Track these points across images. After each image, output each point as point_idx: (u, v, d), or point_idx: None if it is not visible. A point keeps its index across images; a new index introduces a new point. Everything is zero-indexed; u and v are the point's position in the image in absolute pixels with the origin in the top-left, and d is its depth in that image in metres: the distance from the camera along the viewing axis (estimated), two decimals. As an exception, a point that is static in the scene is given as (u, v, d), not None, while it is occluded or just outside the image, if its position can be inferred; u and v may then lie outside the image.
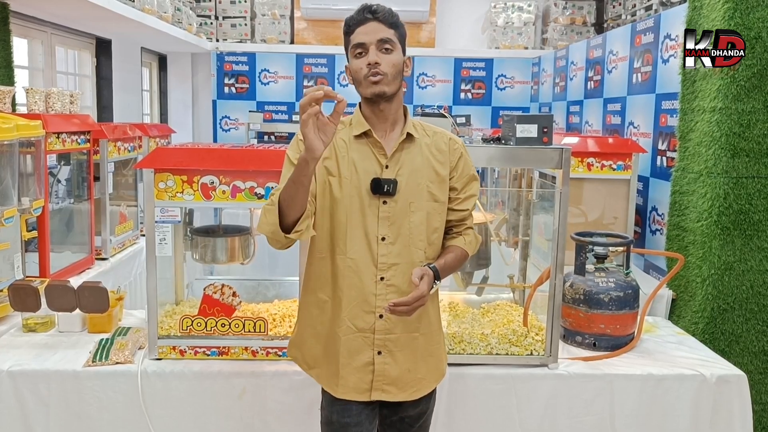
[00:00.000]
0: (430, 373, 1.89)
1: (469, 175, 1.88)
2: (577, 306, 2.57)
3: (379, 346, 1.81)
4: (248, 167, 2.27)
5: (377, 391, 1.81)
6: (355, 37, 1.76)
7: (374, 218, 1.78)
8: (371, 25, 1.75)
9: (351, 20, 1.79)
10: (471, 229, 1.93)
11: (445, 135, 1.89)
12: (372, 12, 1.76)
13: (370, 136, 1.80)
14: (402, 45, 1.80)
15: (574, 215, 3.56)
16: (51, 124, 2.98)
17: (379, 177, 1.77)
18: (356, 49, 1.76)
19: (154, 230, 2.28)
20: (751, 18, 2.87)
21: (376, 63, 1.72)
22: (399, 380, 1.83)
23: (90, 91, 5.44)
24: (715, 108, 2.95)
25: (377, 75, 1.73)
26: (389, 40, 1.75)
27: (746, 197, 2.94)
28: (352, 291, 1.79)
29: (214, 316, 2.36)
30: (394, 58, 1.75)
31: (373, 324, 1.80)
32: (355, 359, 1.81)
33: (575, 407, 2.36)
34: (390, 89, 1.76)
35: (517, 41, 7.02)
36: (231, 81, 7.15)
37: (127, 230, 3.99)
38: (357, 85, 1.79)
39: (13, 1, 3.74)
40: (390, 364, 1.81)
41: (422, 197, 1.80)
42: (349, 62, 1.81)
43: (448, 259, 1.83)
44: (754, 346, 3.02)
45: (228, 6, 7.05)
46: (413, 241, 1.80)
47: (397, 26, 1.78)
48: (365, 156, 1.80)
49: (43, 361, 2.31)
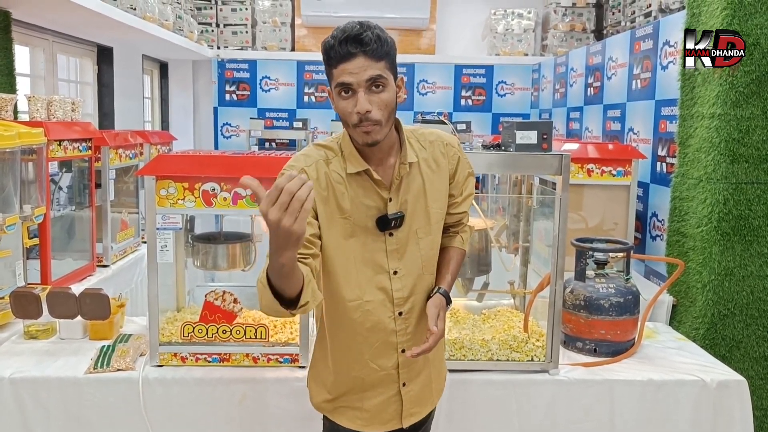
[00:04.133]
0: (441, 380, 1.88)
1: (466, 174, 1.78)
2: (577, 312, 2.57)
3: (404, 378, 1.74)
4: (249, 174, 2.27)
5: (408, 418, 1.77)
6: (338, 74, 1.50)
7: (383, 253, 1.65)
8: (358, 61, 1.48)
9: (332, 51, 1.49)
10: (466, 225, 1.87)
11: (441, 141, 1.74)
12: (358, 43, 1.47)
13: (369, 173, 1.62)
14: (394, 72, 1.56)
15: (574, 221, 3.56)
16: (53, 131, 2.99)
17: (384, 214, 1.63)
18: (341, 89, 1.51)
19: (156, 237, 2.29)
20: (749, 24, 2.88)
21: (367, 112, 1.49)
22: (421, 399, 1.80)
23: (91, 98, 5.46)
24: (714, 114, 2.96)
25: (370, 124, 1.51)
26: (379, 76, 1.50)
27: (746, 203, 2.95)
28: (373, 334, 1.68)
29: (215, 322, 2.36)
30: (386, 96, 1.52)
31: (396, 360, 1.72)
32: (383, 396, 1.74)
33: (576, 413, 2.36)
34: (383, 135, 1.56)
35: (517, 48, 7.04)
36: (232, 88, 7.17)
37: (129, 237, 4.00)
38: (344, 125, 1.58)
39: (15, 10, 3.76)
40: (414, 390, 1.77)
41: (427, 221, 1.70)
42: (332, 96, 1.56)
43: (453, 271, 1.78)
44: (755, 351, 3.02)
45: (229, 13, 7.08)
46: (426, 267, 1.71)
47: (387, 55, 1.52)
48: (366, 192, 1.63)
49: (44, 368, 2.31)
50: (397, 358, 1.72)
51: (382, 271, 1.66)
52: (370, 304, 1.67)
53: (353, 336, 1.70)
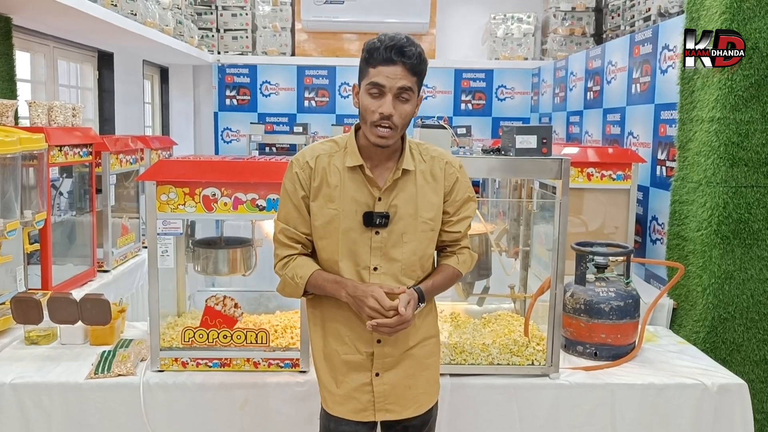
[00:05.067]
0: (429, 385, 1.89)
1: (464, 198, 1.85)
2: (577, 316, 2.57)
3: (378, 368, 1.81)
4: (250, 179, 2.28)
5: (381, 412, 1.82)
6: (375, 73, 1.66)
7: (366, 248, 1.77)
8: (396, 69, 1.65)
9: (376, 53, 1.66)
10: (467, 249, 1.91)
11: (442, 159, 1.84)
12: (401, 54, 1.64)
13: (363, 169, 1.76)
14: (419, 91, 1.72)
15: (575, 225, 3.56)
16: (53, 137, 3.00)
17: (371, 210, 1.75)
18: (372, 87, 1.67)
19: (156, 242, 2.29)
20: (748, 28, 2.88)
21: (390, 115, 1.66)
22: (401, 398, 1.83)
23: (92, 103, 5.47)
24: (714, 118, 2.97)
25: (387, 128, 1.67)
26: (409, 89, 1.67)
27: (745, 206, 2.95)
28: (353, 316, 1.79)
29: (216, 327, 2.37)
30: (408, 108, 1.69)
31: (372, 349, 1.81)
32: (354, 379, 1.81)
33: (577, 417, 2.36)
34: (394, 140, 1.72)
35: (516, 52, 7.04)
36: (232, 93, 7.18)
37: (129, 242, 4.00)
38: (362, 121, 1.73)
39: (16, 15, 3.77)
40: (388, 384, 1.82)
41: (416, 227, 1.78)
42: (360, 88, 1.73)
43: (437, 280, 1.83)
44: (755, 354, 3.02)
45: (229, 19, 7.08)
46: (406, 271, 1.79)
47: (421, 73, 1.70)
48: (358, 187, 1.76)
49: (45, 374, 2.31)
50: (373, 348, 1.81)
51: (363, 265, 1.78)
52: None
53: (338, 310, 1.81)
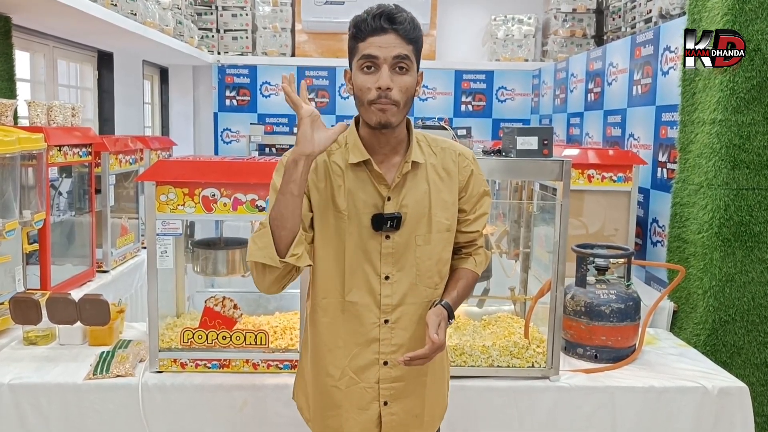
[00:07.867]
0: (438, 410, 1.76)
1: (480, 192, 1.68)
2: (578, 318, 2.56)
3: (386, 396, 1.63)
4: (249, 180, 2.27)
5: None
6: (365, 46, 1.48)
7: (377, 255, 1.57)
8: (388, 37, 1.48)
9: (363, 24, 1.49)
10: (481, 248, 1.75)
11: (454, 151, 1.66)
12: (391, 20, 1.48)
13: (370, 165, 1.57)
14: (418, 61, 1.55)
15: (575, 227, 3.56)
16: (53, 136, 2.99)
17: (380, 212, 1.56)
18: (365, 61, 1.49)
19: (156, 243, 2.29)
20: (750, 30, 2.88)
21: (388, 88, 1.47)
22: (408, 427, 1.67)
23: (91, 103, 5.46)
24: (715, 120, 2.96)
25: (387, 103, 1.48)
26: (406, 57, 1.50)
27: (747, 209, 2.95)
28: (353, 338, 1.61)
29: (215, 328, 2.36)
30: (408, 80, 1.51)
31: (377, 373, 1.62)
32: (361, 414, 1.63)
33: (577, 419, 2.35)
34: (398, 119, 1.52)
35: (517, 53, 7.03)
36: (232, 93, 7.17)
37: (129, 243, 3.99)
38: (359, 104, 1.54)
39: (16, 15, 3.76)
40: (398, 414, 1.64)
41: (429, 228, 1.60)
42: (352, 71, 1.54)
43: (460, 290, 1.66)
44: (756, 357, 3.01)
45: (229, 19, 7.08)
46: (421, 278, 1.60)
47: (417, 40, 1.53)
48: (364, 186, 1.57)
49: (43, 374, 2.30)
50: (379, 371, 1.62)
51: (372, 274, 1.58)
52: (354, 307, 1.59)
53: (334, 339, 1.63)
